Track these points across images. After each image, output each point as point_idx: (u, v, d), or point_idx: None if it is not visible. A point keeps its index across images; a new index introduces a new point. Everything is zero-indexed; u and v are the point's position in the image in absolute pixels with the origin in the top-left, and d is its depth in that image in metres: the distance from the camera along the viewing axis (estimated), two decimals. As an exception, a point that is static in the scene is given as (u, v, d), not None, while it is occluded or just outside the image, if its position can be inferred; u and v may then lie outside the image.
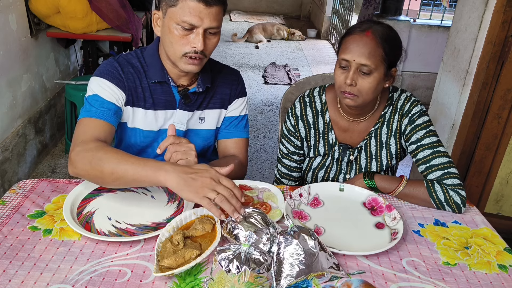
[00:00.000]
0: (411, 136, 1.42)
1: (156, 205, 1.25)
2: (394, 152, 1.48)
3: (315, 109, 1.50)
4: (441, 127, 2.57)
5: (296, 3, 8.36)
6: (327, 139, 1.51)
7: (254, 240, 0.96)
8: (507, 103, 2.21)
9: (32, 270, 0.99)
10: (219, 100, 1.46)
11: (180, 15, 1.19)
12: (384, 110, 1.46)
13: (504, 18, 2.10)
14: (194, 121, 1.44)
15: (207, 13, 1.20)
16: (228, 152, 1.50)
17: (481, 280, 1.05)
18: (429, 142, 1.38)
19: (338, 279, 1.00)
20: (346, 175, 1.52)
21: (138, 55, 1.38)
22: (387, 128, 1.47)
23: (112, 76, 1.32)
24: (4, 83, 2.51)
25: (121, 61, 1.35)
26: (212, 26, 1.22)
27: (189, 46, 1.23)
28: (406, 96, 1.46)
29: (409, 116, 1.43)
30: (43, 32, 2.98)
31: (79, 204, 1.22)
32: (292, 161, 1.57)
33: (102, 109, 1.28)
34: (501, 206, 2.43)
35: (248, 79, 4.90)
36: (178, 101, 1.39)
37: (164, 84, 1.37)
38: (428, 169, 1.35)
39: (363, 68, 1.29)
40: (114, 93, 1.31)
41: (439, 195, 1.29)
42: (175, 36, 1.23)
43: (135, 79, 1.35)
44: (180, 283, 0.98)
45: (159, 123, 1.40)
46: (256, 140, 3.55)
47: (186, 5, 1.18)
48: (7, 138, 2.57)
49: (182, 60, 1.26)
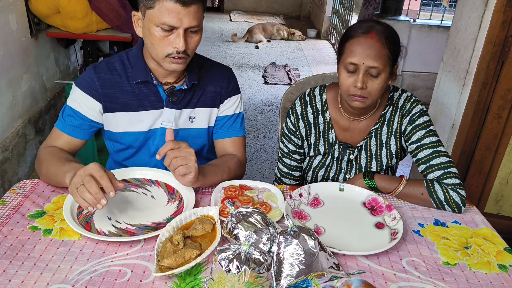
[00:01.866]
0: (411, 136, 1.42)
1: (156, 205, 1.25)
2: (394, 152, 1.48)
3: (315, 108, 1.50)
4: (441, 127, 2.57)
5: (296, 3, 8.36)
6: (327, 138, 1.51)
7: (254, 240, 0.96)
8: (507, 103, 2.21)
9: (32, 270, 0.99)
10: (209, 99, 1.45)
11: (158, 17, 1.19)
12: (385, 110, 1.46)
13: (504, 18, 2.10)
14: (184, 120, 1.43)
15: (186, 13, 1.18)
16: (226, 152, 1.50)
17: (481, 280, 1.05)
18: (429, 141, 1.38)
19: (338, 279, 1.00)
20: (346, 175, 1.52)
21: (122, 58, 1.39)
22: (387, 127, 1.47)
23: (87, 86, 1.36)
24: (4, 83, 2.51)
25: (100, 68, 1.37)
26: (192, 25, 1.21)
27: (171, 47, 1.23)
28: (406, 96, 1.46)
29: (410, 116, 1.43)
30: (43, 32, 2.98)
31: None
32: (292, 160, 1.57)
33: (67, 122, 1.37)
34: (501, 206, 2.43)
35: (248, 79, 4.90)
36: (165, 100, 1.39)
37: (149, 84, 1.37)
38: (428, 169, 1.36)
39: (372, 70, 1.28)
40: (88, 104, 1.36)
41: (439, 195, 1.29)
42: (155, 38, 1.23)
43: (113, 85, 1.36)
44: (180, 283, 0.98)
45: (148, 124, 1.40)
46: (256, 140, 3.55)
47: (164, 6, 1.17)
48: (7, 138, 2.57)
49: (166, 61, 1.26)
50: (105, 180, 1.07)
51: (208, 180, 1.31)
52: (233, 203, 1.13)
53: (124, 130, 1.40)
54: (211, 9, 8.23)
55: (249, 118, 3.92)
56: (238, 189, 1.32)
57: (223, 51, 5.97)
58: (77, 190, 1.07)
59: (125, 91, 1.36)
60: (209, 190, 1.34)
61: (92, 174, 1.08)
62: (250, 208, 1.10)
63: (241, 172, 1.48)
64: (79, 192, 1.06)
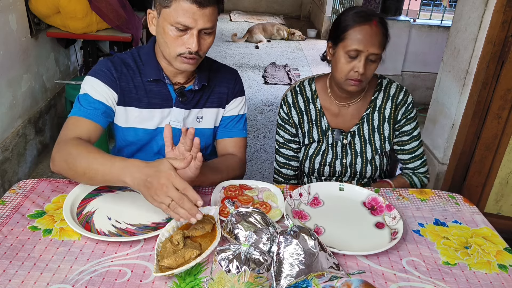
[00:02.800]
0: (404, 126, 1.53)
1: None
2: (387, 136, 1.54)
3: (305, 97, 1.56)
4: (441, 127, 2.57)
5: (296, 3, 8.35)
6: (320, 125, 1.55)
7: (254, 240, 0.96)
8: (507, 103, 2.21)
9: (32, 270, 0.99)
10: (217, 99, 1.47)
11: (174, 16, 1.20)
12: (374, 95, 1.53)
13: (504, 18, 2.10)
14: (191, 120, 1.44)
15: (201, 14, 1.19)
16: (227, 151, 1.50)
17: (481, 280, 1.05)
18: (417, 134, 1.55)
19: (338, 279, 1.00)
20: (342, 160, 1.55)
21: (134, 55, 1.39)
22: (378, 114, 1.53)
23: (104, 76, 1.33)
24: (4, 83, 2.51)
25: (116, 61, 1.36)
26: (207, 27, 1.22)
27: (184, 47, 1.24)
28: (397, 85, 1.53)
29: (405, 107, 1.52)
30: (43, 32, 2.98)
31: (79, 204, 1.22)
32: (289, 150, 1.60)
33: (89, 108, 1.30)
34: (501, 206, 2.43)
35: (248, 79, 4.90)
36: (175, 99, 1.39)
37: (160, 82, 1.37)
38: (412, 159, 1.56)
39: (372, 56, 1.35)
40: (104, 92, 1.32)
41: (417, 184, 1.57)
42: (169, 37, 1.23)
43: (128, 78, 1.35)
44: (180, 283, 0.98)
45: (156, 122, 1.40)
46: (256, 140, 3.55)
47: (180, 6, 1.18)
48: (7, 138, 2.57)
49: (177, 60, 1.27)
50: (191, 191, 1.04)
51: (208, 179, 1.31)
52: (233, 203, 1.13)
53: (132, 126, 1.39)
54: (211, 9, 8.22)
55: (249, 118, 3.92)
56: (238, 189, 1.32)
57: (223, 51, 5.97)
58: (168, 206, 1.04)
59: (138, 86, 1.36)
60: (209, 190, 1.34)
61: (177, 187, 1.04)
62: (250, 208, 1.10)
63: (241, 172, 1.49)
64: (172, 208, 1.04)
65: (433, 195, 1.38)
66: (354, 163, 1.54)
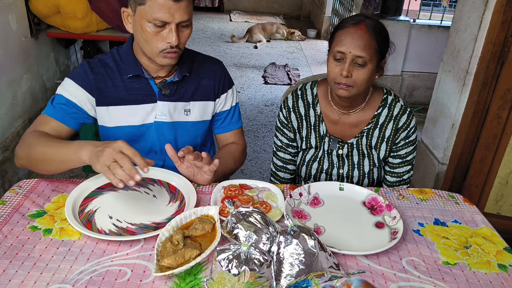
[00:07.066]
0: (401, 149, 1.51)
1: (157, 204, 1.25)
2: (383, 156, 1.52)
3: (306, 101, 1.54)
4: (441, 127, 2.57)
5: (296, 3, 8.35)
6: (318, 131, 1.54)
7: (254, 240, 0.96)
8: (507, 103, 2.21)
9: (32, 270, 0.99)
10: (204, 92, 1.48)
11: (150, 13, 1.21)
12: (378, 111, 1.49)
13: (504, 18, 2.10)
14: (178, 113, 1.45)
15: (177, 8, 1.21)
16: (228, 142, 1.60)
17: (481, 280, 1.05)
18: (410, 158, 1.52)
19: (338, 279, 1.00)
20: (339, 170, 1.54)
21: (113, 55, 1.41)
22: (379, 131, 1.50)
23: (80, 78, 1.37)
24: (4, 83, 2.51)
25: (94, 63, 1.39)
26: (184, 20, 1.24)
27: (164, 43, 1.26)
28: (401, 106, 1.48)
29: (407, 131, 1.49)
30: (43, 32, 2.98)
31: (81, 202, 1.23)
32: (286, 153, 1.59)
33: (59, 109, 1.35)
34: (501, 206, 2.43)
35: (248, 79, 4.90)
36: (158, 93, 1.41)
37: (140, 78, 1.39)
38: (398, 182, 1.54)
39: (359, 59, 1.32)
40: (78, 95, 1.36)
41: None
42: (148, 34, 1.25)
43: (106, 79, 1.38)
44: (180, 283, 0.98)
45: (141, 117, 1.42)
46: (256, 140, 3.54)
47: (155, 2, 1.20)
48: (7, 138, 2.57)
49: (160, 56, 1.29)
50: (138, 157, 1.08)
51: (218, 175, 1.39)
52: (233, 203, 1.13)
53: (117, 125, 1.41)
54: (211, 9, 8.23)
55: (249, 118, 3.92)
56: (238, 189, 1.32)
57: (223, 51, 5.96)
58: (108, 167, 1.07)
59: (118, 85, 1.38)
60: (209, 190, 1.34)
61: (123, 151, 1.08)
62: (250, 207, 1.10)
63: (244, 157, 1.61)
64: (111, 168, 1.07)
65: (433, 195, 1.38)
66: (351, 175, 1.53)
